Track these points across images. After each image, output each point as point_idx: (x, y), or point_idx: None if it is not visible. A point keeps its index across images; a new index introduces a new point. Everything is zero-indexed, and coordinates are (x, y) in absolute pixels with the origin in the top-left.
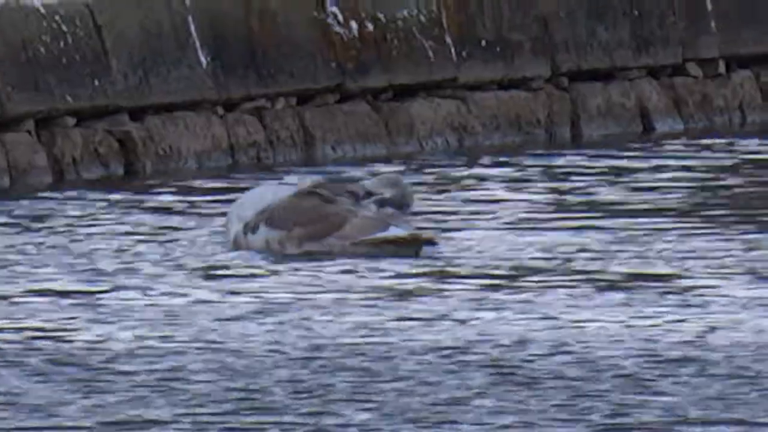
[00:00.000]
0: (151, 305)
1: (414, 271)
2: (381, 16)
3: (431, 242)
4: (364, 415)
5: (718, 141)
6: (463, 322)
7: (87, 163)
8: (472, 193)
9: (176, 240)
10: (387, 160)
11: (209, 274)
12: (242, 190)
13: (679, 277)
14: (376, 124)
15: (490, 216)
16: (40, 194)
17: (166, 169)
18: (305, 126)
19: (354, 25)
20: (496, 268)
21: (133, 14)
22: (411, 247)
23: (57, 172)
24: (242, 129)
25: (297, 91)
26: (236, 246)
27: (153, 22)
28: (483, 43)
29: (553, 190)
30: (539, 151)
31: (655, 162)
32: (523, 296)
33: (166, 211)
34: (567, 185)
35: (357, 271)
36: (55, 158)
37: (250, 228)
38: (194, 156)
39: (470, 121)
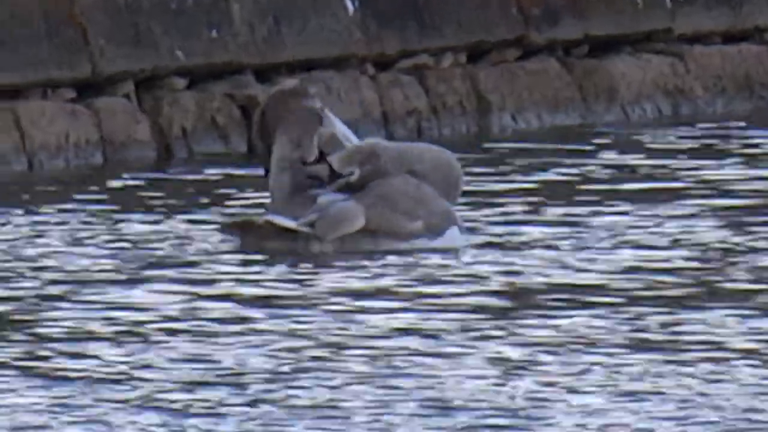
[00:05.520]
0: None
1: None
2: None
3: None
4: None
5: None
6: None
7: (201, 136)
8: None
9: None
10: (581, 133)
11: None
12: None
13: None
14: (567, 86)
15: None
16: (140, 175)
17: None
18: (478, 89)
19: None
20: None
21: None
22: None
23: (163, 147)
24: (398, 93)
25: (468, 45)
26: None
27: None
28: None
29: None
30: None
31: None
32: None
33: None
34: None
35: None
36: (160, 130)
37: None
38: None
39: (688, 83)
